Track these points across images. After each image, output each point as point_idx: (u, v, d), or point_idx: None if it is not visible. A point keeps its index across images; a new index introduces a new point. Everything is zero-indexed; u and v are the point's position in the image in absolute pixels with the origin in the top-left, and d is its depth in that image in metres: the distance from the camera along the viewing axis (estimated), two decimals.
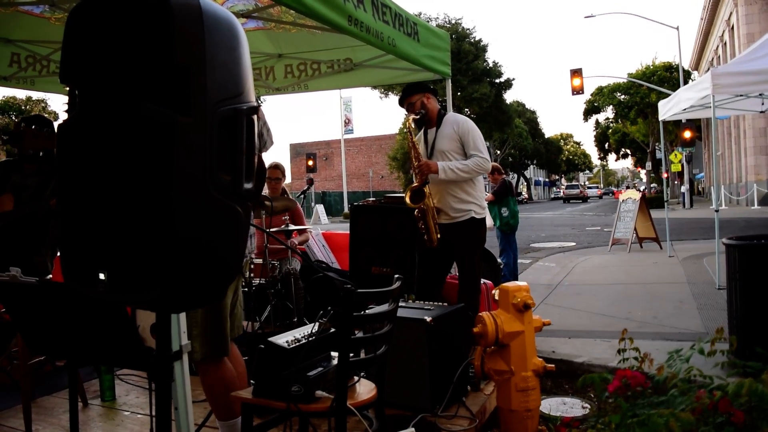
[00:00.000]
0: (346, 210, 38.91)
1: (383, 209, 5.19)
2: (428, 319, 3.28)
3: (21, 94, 43.16)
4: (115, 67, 1.38)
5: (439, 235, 4.10)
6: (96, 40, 1.43)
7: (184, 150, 1.31)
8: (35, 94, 43.85)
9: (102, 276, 1.40)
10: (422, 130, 4.41)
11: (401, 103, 4.32)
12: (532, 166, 73.79)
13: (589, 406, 3.93)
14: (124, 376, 4.15)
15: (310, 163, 32.06)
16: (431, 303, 3.67)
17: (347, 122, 41.74)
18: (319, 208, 32.21)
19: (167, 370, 1.57)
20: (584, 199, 58.40)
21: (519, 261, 8.69)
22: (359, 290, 2.08)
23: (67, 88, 1.53)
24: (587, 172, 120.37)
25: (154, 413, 3.55)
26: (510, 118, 45.28)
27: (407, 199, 4.05)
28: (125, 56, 1.36)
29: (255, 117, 1.53)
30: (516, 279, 7.67)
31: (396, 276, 2.43)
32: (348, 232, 5.41)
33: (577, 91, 24.04)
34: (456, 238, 4.18)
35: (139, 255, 1.35)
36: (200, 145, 1.34)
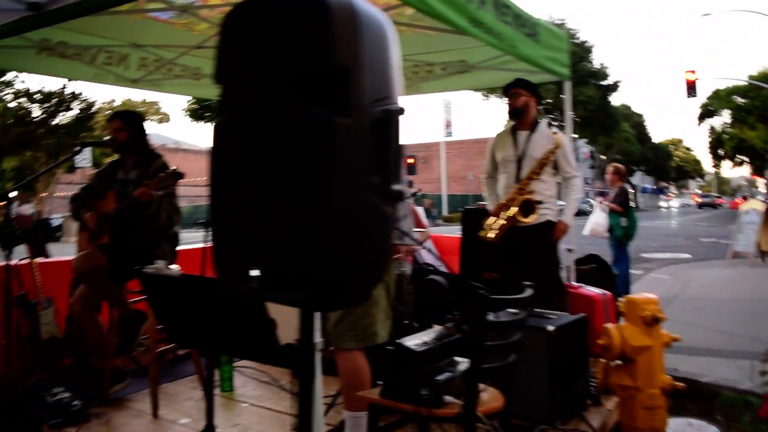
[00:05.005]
0: (445, 213, 38.77)
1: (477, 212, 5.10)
2: (551, 328, 3.18)
3: (138, 96, 45.75)
4: (272, 69, 1.40)
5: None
6: (252, 41, 1.46)
7: (343, 151, 1.31)
8: (150, 97, 46.42)
9: (254, 273, 1.43)
10: (510, 130, 4.35)
11: (508, 89, 4.27)
12: (639, 173, 70.95)
13: (717, 430, 3.69)
14: (241, 368, 4.27)
15: (410, 161, 32.04)
16: (551, 311, 3.56)
17: (447, 125, 41.57)
18: (419, 211, 32.20)
19: (311, 367, 1.58)
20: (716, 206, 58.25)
21: (630, 272, 8.35)
22: (493, 296, 2.04)
23: (219, 89, 1.58)
24: (698, 179, 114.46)
25: (269, 406, 3.65)
26: (616, 122, 43.75)
27: (517, 212, 3.99)
28: (283, 57, 1.38)
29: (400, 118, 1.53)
30: (628, 291, 7.36)
31: (527, 283, 2.36)
32: (452, 235, 5.37)
33: (691, 93, 22.94)
34: (535, 241, 4.11)
35: (294, 254, 1.36)
36: (356, 147, 1.34)
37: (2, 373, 3.69)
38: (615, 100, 46.37)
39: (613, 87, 41.19)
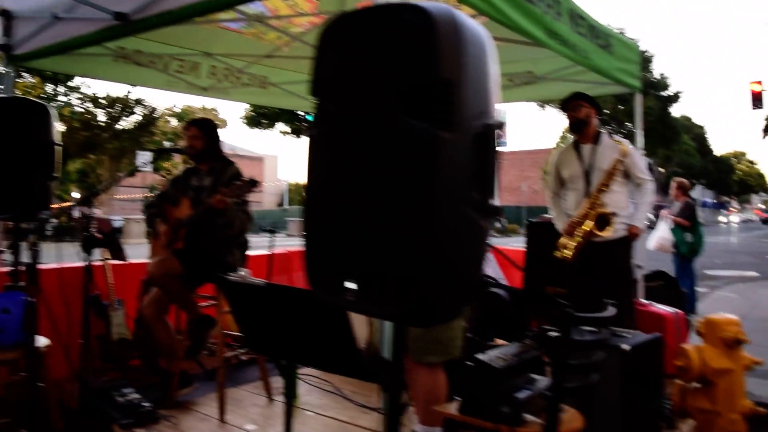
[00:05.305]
0: (497, 225, 38.38)
1: (547, 228, 5.01)
2: (626, 347, 3.09)
3: (197, 102, 46.92)
4: (374, 82, 1.39)
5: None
6: (352, 54, 1.46)
7: (446, 166, 1.30)
8: (209, 104, 47.50)
9: (351, 285, 1.43)
10: (573, 145, 4.27)
11: (567, 104, 4.19)
12: (699, 186, 69.00)
13: None
14: (305, 376, 4.28)
15: None
16: (624, 330, 3.47)
17: (500, 135, 41.19)
18: None
19: (401, 381, 1.57)
20: None
21: (696, 289, 8.09)
22: (579, 314, 1.99)
23: (315, 101, 1.58)
24: (762, 194, 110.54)
25: (334, 415, 3.65)
26: (676, 134, 42.65)
27: (592, 227, 3.90)
28: (385, 71, 1.37)
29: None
30: (694, 309, 7.13)
31: (608, 301, 2.30)
32: (510, 247, 5.29)
33: (757, 105, 22.22)
34: (611, 256, 4.01)
35: (393, 268, 1.35)
36: (459, 161, 1.33)
37: (78, 371, 3.79)
38: (675, 111, 45.28)
39: (674, 98, 40.22)
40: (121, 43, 4.65)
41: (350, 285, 1.43)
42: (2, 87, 4.29)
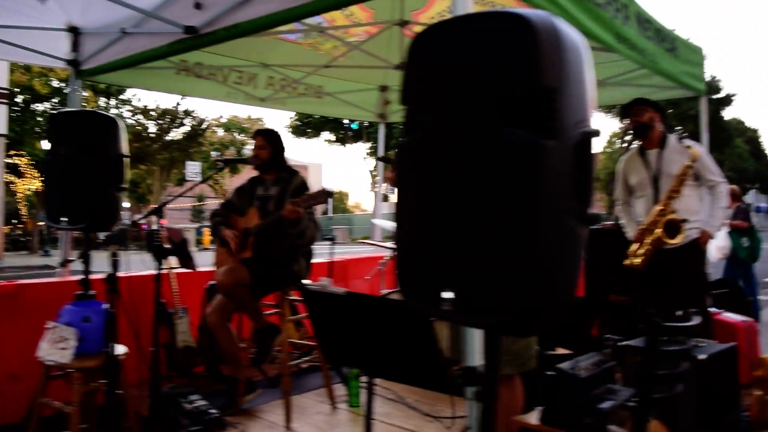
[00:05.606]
0: None
1: (622, 233, 4.92)
2: (702, 356, 3.01)
3: (243, 112, 47.64)
4: (472, 90, 1.39)
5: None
6: (447, 63, 1.46)
7: (549, 175, 1.28)
8: (255, 114, 48.20)
9: (448, 295, 1.42)
10: (638, 152, 4.16)
11: (629, 109, 4.08)
12: (752, 191, 66.99)
13: None
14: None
15: None
16: (698, 339, 3.38)
17: None
18: None
19: (493, 392, 1.56)
20: None
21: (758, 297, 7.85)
22: (665, 323, 1.95)
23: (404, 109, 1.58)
24: None
25: (399, 423, 3.64)
26: (729, 137, 41.58)
27: (662, 234, 3.81)
28: (484, 79, 1.37)
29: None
30: (757, 317, 6.91)
31: (692, 310, 2.25)
32: None
33: None
34: (684, 262, 3.91)
35: (492, 278, 1.34)
36: (561, 170, 1.31)
37: (148, 379, 3.86)
38: (727, 114, 44.14)
39: (726, 100, 39.20)
40: (183, 56, 4.76)
41: (447, 295, 1.42)
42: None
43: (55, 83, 25.58)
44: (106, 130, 3.37)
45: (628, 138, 31.29)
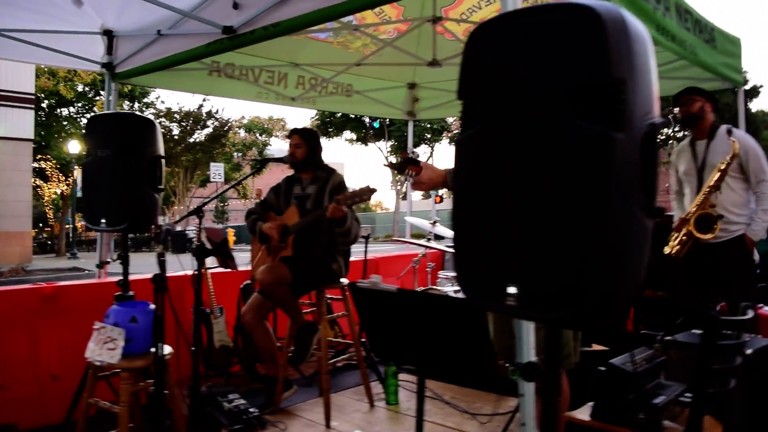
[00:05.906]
0: None
1: (656, 228, 4.86)
2: (748, 351, 2.96)
3: (265, 113, 47.84)
4: (537, 84, 1.37)
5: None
6: (506, 56, 1.45)
7: (619, 167, 1.27)
8: (276, 114, 48.40)
9: (512, 290, 1.41)
10: (689, 142, 4.07)
11: (678, 98, 3.97)
12: None
13: None
14: (404, 383, 4.29)
15: None
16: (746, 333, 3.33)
17: None
18: None
19: (557, 388, 1.54)
20: None
21: None
22: (722, 317, 1.92)
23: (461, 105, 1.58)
24: None
25: (437, 421, 3.64)
26: (756, 130, 40.91)
27: (692, 228, 3.74)
28: (551, 72, 1.35)
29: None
30: None
31: (744, 304, 2.22)
32: None
33: None
34: (726, 259, 3.82)
35: (561, 272, 1.33)
36: (630, 162, 1.30)
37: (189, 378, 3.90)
38: (754, 105, 43.43)
39: (754, 92, 38.56)
40: (215, 57, 4.78)
41: (511, 290, 1.42)
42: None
43: (80, 87, 25.91)
44: (143, 131, 3.40)
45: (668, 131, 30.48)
